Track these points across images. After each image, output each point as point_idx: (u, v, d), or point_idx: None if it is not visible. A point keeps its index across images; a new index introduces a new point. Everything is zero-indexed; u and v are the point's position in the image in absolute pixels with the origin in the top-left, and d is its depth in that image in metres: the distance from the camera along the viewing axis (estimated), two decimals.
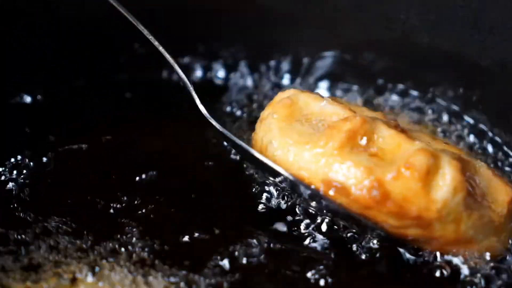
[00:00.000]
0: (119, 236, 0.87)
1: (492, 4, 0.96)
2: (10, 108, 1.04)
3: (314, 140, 0.81)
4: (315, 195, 0.81)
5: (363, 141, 0.80)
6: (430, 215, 0.77)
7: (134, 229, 0.88)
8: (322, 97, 0.88)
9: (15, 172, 0.95)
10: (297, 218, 0.88)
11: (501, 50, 0.97)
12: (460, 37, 1.00)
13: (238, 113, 1.06)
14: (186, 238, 0.87)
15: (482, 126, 1.03)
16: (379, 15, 1.03)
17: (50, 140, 1.00)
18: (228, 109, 1.06)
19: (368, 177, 0.78)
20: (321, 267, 0.84)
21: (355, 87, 1.09)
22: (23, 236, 0.87)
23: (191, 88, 0.92)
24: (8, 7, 0.99)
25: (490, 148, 1.00)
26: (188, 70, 1.09)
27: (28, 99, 1.05)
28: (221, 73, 1.11)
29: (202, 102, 0.92)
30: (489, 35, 0.97)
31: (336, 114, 0.84)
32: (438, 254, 0.83)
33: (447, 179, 0.77)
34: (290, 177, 0.82)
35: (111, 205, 0.91)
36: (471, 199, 0.79)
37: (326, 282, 0.82)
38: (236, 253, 0.85)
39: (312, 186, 0.80)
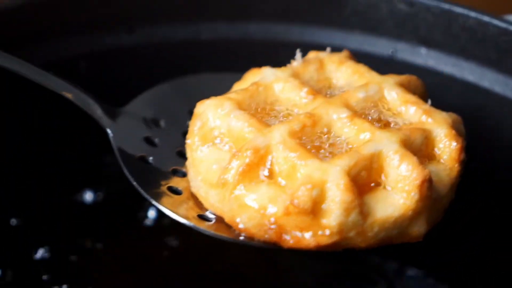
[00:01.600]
0: None
1: None
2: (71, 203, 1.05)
3: (218, 176, 0.77)
4: (223, 238, 0.77)
5: (259, 172, 0.76)
6: (329, 240, 0.73)
7: None
8: (233, 110, 0.79)
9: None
10: None
11: None
12: None
13: None
14: None
15: None
16: None
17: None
18: None
19: (261, 215, 0.74)
20: None
21: None
22: None
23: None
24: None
25: None
26: None
27: (90, 197, 1.05)
28: None
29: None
30: None
31: (242, 135, 0.78)
32: None
33: (336, 203, 0.73)
34: (182, 221, 0.78)
35: None
36: (371, 206, 0.74)
37: None
38: None
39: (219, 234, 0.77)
